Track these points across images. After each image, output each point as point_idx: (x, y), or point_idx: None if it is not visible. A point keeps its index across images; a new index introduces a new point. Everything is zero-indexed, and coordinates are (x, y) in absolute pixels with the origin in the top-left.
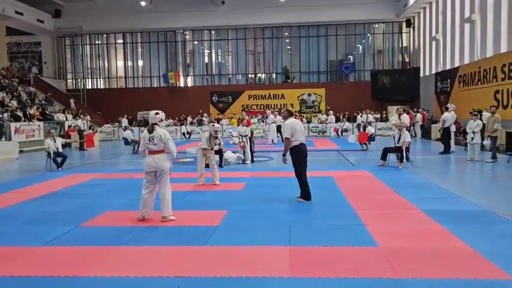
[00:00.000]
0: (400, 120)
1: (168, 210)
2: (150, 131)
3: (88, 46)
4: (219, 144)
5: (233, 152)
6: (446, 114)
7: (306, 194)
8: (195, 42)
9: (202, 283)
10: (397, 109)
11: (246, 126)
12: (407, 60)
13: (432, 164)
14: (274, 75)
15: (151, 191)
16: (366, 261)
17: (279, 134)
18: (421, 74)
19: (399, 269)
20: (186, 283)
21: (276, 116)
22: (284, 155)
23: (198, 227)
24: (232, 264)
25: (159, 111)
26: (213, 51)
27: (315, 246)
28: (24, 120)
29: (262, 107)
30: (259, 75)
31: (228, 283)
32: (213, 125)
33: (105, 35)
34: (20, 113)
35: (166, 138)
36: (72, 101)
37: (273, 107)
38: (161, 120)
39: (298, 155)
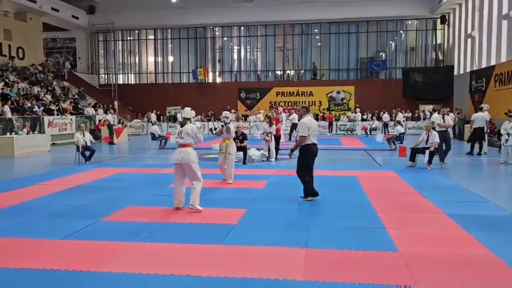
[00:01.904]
0: (444, 121)
1: (195, 199)
2: (182, 125)
3: (120, 42)
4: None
5: (257, 149)
6: (475, 114)
7: (310, 191)
8: (225, 39)
9: (213, 283)
10: (442, 109)
11: (271, 123)
12: (441, 58)
13: (463, 165)
14: (303, 72)
15: (181, 182)
16: (383, 267)
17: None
18: (455, 73)
19: (417, 276)
20: (197, 282)
21: (288, 114)
22: (292, 151)
23: (216, 225)
24: (246, 265)
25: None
26: (242, 47)
27: (331, 249)
28: (57, 114)
29: (290, 104)
30: (288, 71)
31: (239, 284)
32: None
33: (137, 31)
34: (53, 107)
35: (193, 133)
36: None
37: (301, 104)
38: (193, 117)
39: (306, 155)
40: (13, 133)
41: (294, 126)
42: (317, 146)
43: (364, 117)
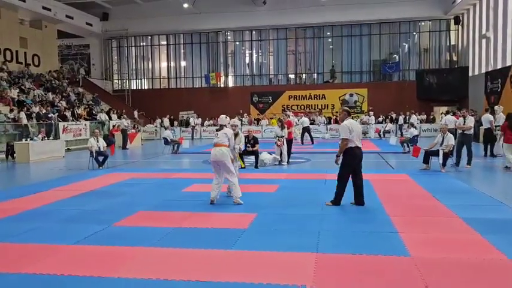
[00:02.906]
0: (465, 122)
1: (236, 193)
2: (218, 130)
3: (133, 48)
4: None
5: (269, 153)
6: (486, 115)
7: (336, 199)
8: (237, 43)
9: None
10: (462, 111)
11: (283, 127)
12: (455, 59)
13: (477, 168)
14: (315, 75)
15: (218, 177)
16: (395, 273)
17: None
18: (470, 74)
19: (429, 282)
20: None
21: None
22: (338, 156)
23: (226, 230)
24: (255, 270)
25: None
26: (254, 51)
27: (342, 254)
28: (72, 120)
29: (302, 107)
30: (300, 75)
31: None
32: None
33: (150, 37)
34: (68, 113)
35: (228, 136)
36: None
37: (313, 107)
38: (228, 123)
39: (350, 159)
40: (28, 139)
41: (304, 130)
42: (361, 149)
43: (380, 119)
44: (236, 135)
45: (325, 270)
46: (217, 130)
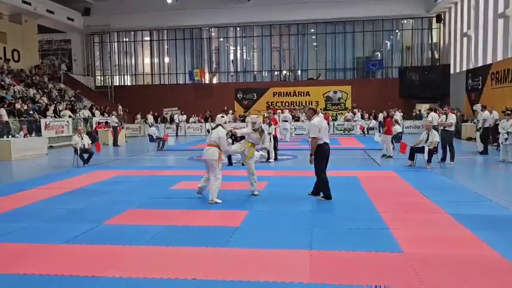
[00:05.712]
0: (446, 120)
1: (212, 196)
2: (213, 128)
3: (116, 43)
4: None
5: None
6: (486, 113)
7: (326, 194)
8: (221, 39)
9: (219, 287)
10: (444, 108)
11: (270, 123)
12: (437, 56)
13: (462, 164)
14: (299, 72)
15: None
16: (390, 268)
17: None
18: (452, 71)
19: (424, 277)
20: (202, 286)
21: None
22: (312, 155)
23: (218, 228)
24: (250, 268)
25: (224, 115)
26: (239, 48)
27: (336, 250)
28: (54, 116)
29: (287, 104)
30: (284, 72)
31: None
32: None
33: (133, 33)
34: (50, 109)
35: (222, 135)
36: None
37: (298, 104)
38: (225, 122)
39: (321, 154)
40: (10, 136)
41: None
42: (329, 145)
43: (365, 116)
44: (259, 131)
45: (320, 266)
46: (212, 129)
